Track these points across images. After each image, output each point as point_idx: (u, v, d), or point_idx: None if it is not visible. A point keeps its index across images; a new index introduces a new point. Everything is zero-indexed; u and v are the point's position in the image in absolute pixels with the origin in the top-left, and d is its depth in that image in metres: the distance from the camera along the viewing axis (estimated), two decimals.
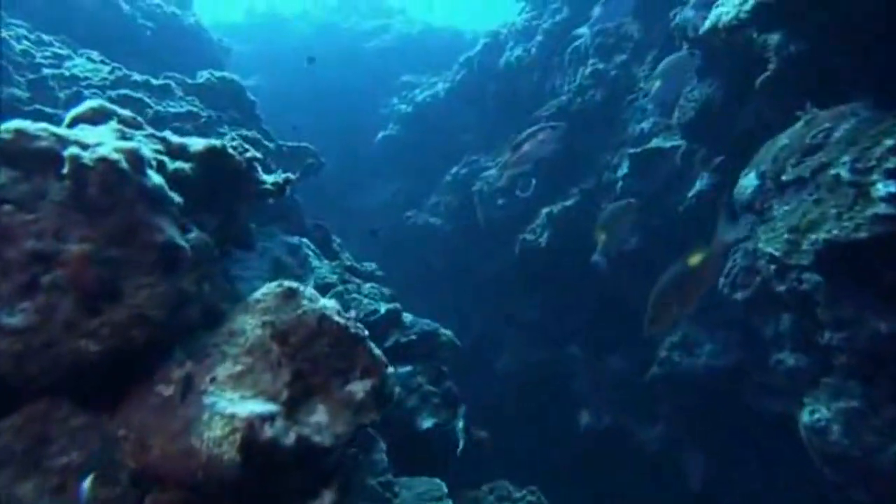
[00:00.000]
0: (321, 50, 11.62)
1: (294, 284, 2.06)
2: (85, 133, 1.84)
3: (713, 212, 5.72)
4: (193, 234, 2.02)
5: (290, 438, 1.73)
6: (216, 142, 2.25)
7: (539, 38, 7.49)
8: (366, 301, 4.99)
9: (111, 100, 5.17)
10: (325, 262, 5.68)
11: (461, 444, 4.60)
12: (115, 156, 1.73)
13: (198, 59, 7.51)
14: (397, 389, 4.66)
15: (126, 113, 2.16)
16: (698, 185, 5.49)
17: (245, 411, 1.69)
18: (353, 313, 2.12)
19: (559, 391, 7.17)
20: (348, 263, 5.63)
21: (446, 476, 4.09)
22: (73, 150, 1.67)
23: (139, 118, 2.20)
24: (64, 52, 5.53)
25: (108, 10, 6.69)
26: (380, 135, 9.95)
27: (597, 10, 6.83)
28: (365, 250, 8.96)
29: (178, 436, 1.60)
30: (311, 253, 5.63)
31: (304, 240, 5.81)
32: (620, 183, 6.35)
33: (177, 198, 1.98)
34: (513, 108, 7.99)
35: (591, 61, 6.73)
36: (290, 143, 6.39)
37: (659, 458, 5.87)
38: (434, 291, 8.56)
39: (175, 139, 2.20)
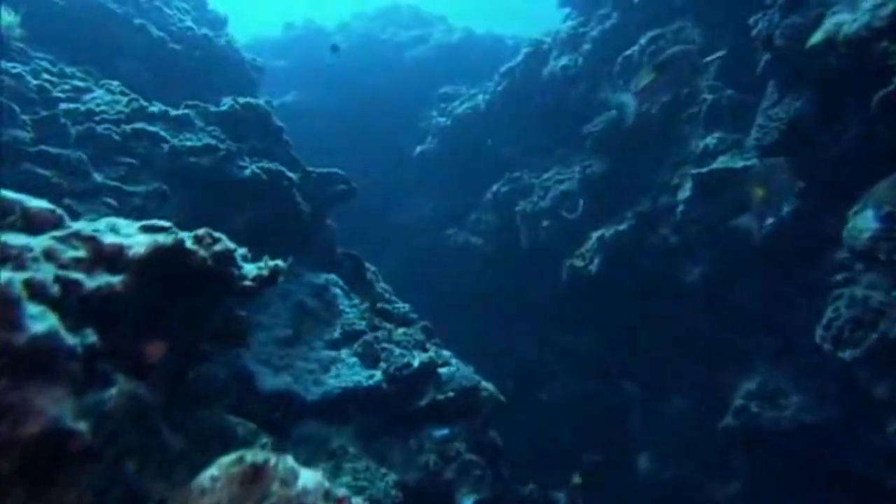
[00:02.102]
0: (360, 62, 11.02)
1: (260, 459, 1.35)
2: None
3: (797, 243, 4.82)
4: (114, 390, 1.33)
5: None
6: (166, 239, 1.55)
7: (586, 46, 6.58)
8: (398, 351, 4.29)
9: (125, 135, 4.64)
10: (356, 300, 5.01)
11: None
12: None
13: (229, 80, 6.98)
14: (433, 458, 4.00)
15: (38, 205, 1.49)
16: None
17: None
18: (345, 490, 1.38)
19: (613, 430, 6.31)
20: (380, 305, 4.94)
21: None
22: None
23: (59, 210, 1.52)
24: (84, 84, 5.03)
25: (138, 35, 6.20)
26: (418, 149, 9.28)
27: None
28: (402, 270, 8.28)
29: None
30: (339, 292, 4.97)
31: (333, 277, 5.17)
32: (681, 206, 5.43)
33: (87, 338, 1.29)
34: (557, 121, 7.14)
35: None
36: (319, 170, 5.76)
37: None
38: (475, 315, 7.81)
39: (110, 239, 1.51)
